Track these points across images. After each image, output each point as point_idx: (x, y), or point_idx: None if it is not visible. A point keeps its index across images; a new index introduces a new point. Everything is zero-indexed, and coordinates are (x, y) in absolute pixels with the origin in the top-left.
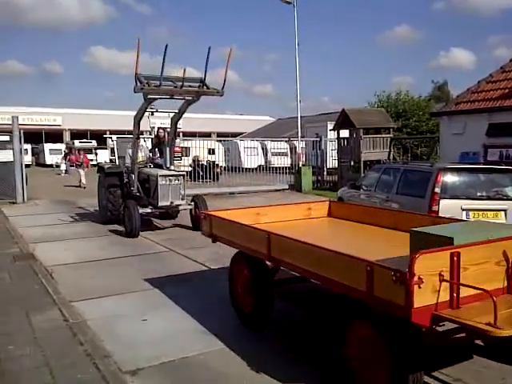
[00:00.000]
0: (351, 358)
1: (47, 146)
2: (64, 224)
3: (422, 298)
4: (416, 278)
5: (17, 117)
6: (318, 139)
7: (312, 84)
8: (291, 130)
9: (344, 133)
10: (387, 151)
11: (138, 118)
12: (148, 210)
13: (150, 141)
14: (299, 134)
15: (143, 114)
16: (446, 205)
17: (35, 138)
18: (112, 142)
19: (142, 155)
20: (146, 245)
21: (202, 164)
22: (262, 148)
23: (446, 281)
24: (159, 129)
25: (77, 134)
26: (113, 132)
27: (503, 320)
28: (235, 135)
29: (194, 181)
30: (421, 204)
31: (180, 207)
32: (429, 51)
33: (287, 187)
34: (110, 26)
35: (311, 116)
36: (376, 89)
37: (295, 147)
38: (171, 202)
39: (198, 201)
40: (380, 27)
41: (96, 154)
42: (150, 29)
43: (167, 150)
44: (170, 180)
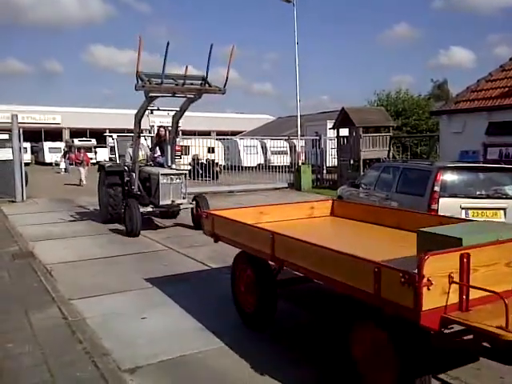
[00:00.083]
0: (357, 360)
1: (47, 145)
2: (63, 222)
3: (431, 301)
4: (425, 280)
5: (16, 115)
6: (318, 138)
7: (312, 83)
8: (291, 129)
9: (344, 131)
10: (387, 150)
11: (139, 117)
12: (149, 209)
13: (150, 139)
14: (299, 133)
15: (144, 113)
16: (446, 203)
17: (35, 137)
18: (112, 141)
19: (143, 154)
20: (146, 243)
21: (202, 163)
22: (262, 147)
23: (456, 283)
24: (160, 127)
25: (76, 133)
26: (112, 130)
27: None
28: (235, 134)
29: (194, 179)
30: (420, 202)
31: (181, 206)
32: (428, 50)
33: (287, 186)
34: (110, 25)
35: (311, 115)
36: (376, 87)
37: (295, 146)
38: (172, 201)
39: (200, 200)
40: (380, 26)
41: (95, 153)
42: (150, 27)
43: (168, 149)
44: (172, 179)
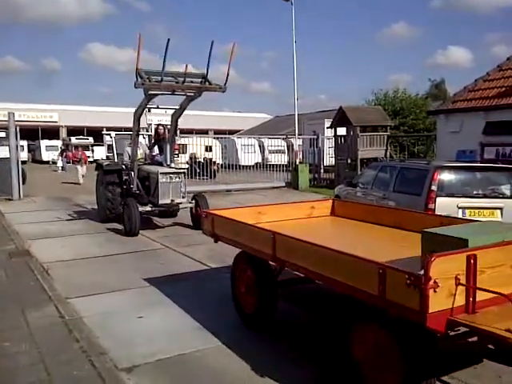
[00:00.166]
0: (359, 361)
1: (43, 143)
2: (60, 221)
3: (438, 303)
4: (431, 282)
5: (13, 113)
6: (315, 137)
7: (310, 81)
8: (288, 128)
9: (341, 130)
10: (384, 149)
11: (138, 115)
12: (148, 209)
13: (148, 138)
14: (296, 132)
15: (143, 111)
16: (443, 203)
17: (32, 135)
18: (110, 139)
19: (141, 152)
20: (144, 242)
21: (199, 161)
22: (259, 145)
23: (462, 284)
24: (159, 125)
25: (73, 131)
26: (109, 129)
27: None
28: (232, 132)
29: (191, 178)
30: (417, 202)
31: (181, 205)
32: (426, 49)
33: (284, 185)
34: (108, 23)
35: (308, 113)
36: (373, 87)
37: (292, 145)
38: (172, 200)
39: (199, 199)
40: (378, 25)
41: (93, 151)
42: (149, 26)
43: (167, 147)
44: (171, 178)
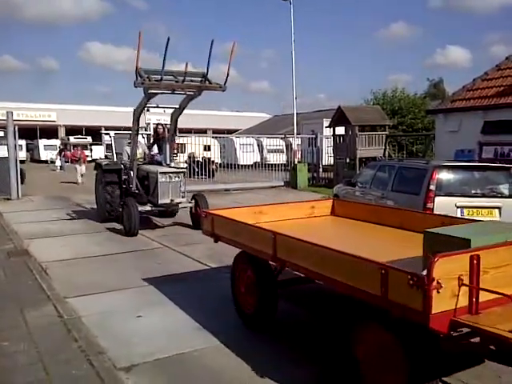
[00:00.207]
0: (360, 361)
1: (42, 142)
2: (59, 221)
3: (441, 304)
4: (435, 283)
5: (11, 112)
6: (314, 136)
7: (308, 81)
8: (287, 127)
9: (340, 130)
10: (383, 148)
11: (138, 114)
12: (147, 208)
13: (146, 137)
14: (295, 131)
15: (143, 110)
16: (441, 202)
17: (30, 134)
18: (109, 138)
19: (140, 152)
20: (143, 241)
21: (198, 161)
22: (258, 145)
23: (465, 285)
24: (158, 125)
25: (72, 130)
26: (108, 128)
27: None
28: (231, 132)
29: (190, 177)
30: (416, 201)
31: (180, 205)
32: (425, 49)
33: (283, 184)
34: (106, 22)
35: (307, 113)
36: (372, 86)
37: (291, 144)
38: (171, 200)
39: (199, 199)
40: (377, 25)
41: (91, 150)
42: (146, 24)
43: (167, 147)
44: (171, 177)
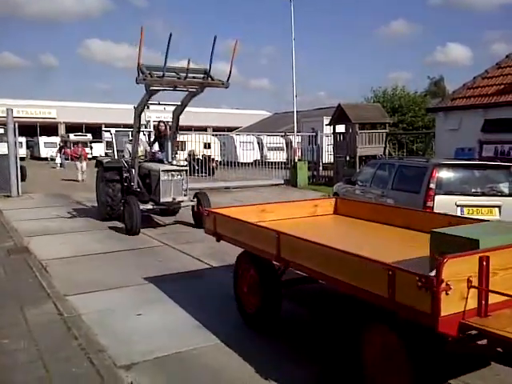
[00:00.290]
0: (366, 363)
1: (42, 139)
2: (59, 218)
3: (450, 306)
4: (444, 285)
5: (11, 109)
6: (314, 134)
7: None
8: (287, 125)
9: (340, 128)
10: (383, 146)
11: (139, 111)
12: (149, 207)
13: (147, 134)
14: (295, 129)
15: (144, 107)
16: (441, 200)
17: (30, 131)
18: (109, 136)
19: (141, 149)
20: (143, 239)
21: (198, 158)
22: (258, 143)
23: (475, 287)
24: (160, 122)
25: (72, 127)
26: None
27: None
28: (231, 129)
29: (190, 175)
30: (416, 199)
31: (182, 204)
32: (425, 47)
33: (283, 182)
34: (106, 19)
35: (307, 111)
36: (372, 84)
37: (291, 142)
38: (173, 199)
39: (201, 197)
40: (377, 22)
41: (91, 148)
42: (146, 21)
43: (169, 144)
44: (173, 175)
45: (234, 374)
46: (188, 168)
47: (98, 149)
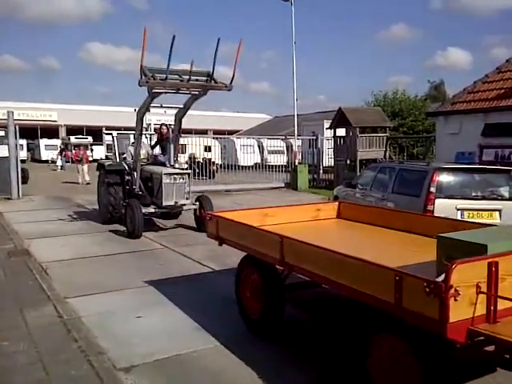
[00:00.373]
0: (371, 369)
1: (43, 142)
2: (60, 220)
3: (458, 312)
4: (452, 290)
5: (12, 112)
6: (315, 137)
7: (309, 82)
8: (287, 128)
9: (340, 131)
10: (383, 150)
11: (142, 114)
12: (151, 210)
13: (149, 137)
14: (295, 132)
15: (147, 110)
16: (441, 204)
17: (31, 134)
18: (110, 138)
19: (143, 152)
20: (143, 242)
21: (198, 161)
22: (259, 146)
23: (483, 293)
24: (162, 125)
25: (72, 130)
26: (109, 128)
27: None
28: (232, 133)
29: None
30: (416, 203)
31: (185, 207)
32: (426, 51)
33: (283, 185)
34: (106, 22)
35: (308, 114)
36: (373, 88)
37: (291, 145)
38: (176, 202)
39: (204, 200)
40: (378, 26)
41: (92, 150)
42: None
43: (171, 148)
44: (175, 178)
45: (234, 377)
46: (190, 171)
47: (99, 151)
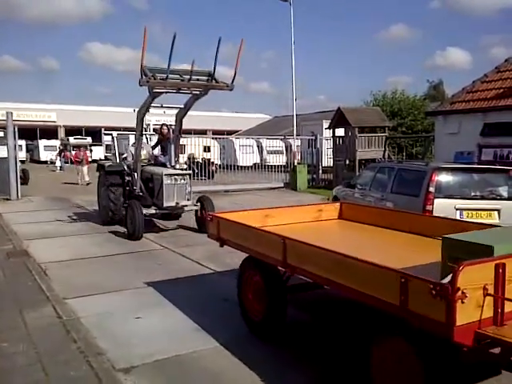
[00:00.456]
0: (374, 372)
1: (42, 143)
2: (59, 222)
3: (465, 315)
4: (459, 293)
5: (11, 112)
6: (314, 137)
7: (308, 82)
8: (287, 128)
9: (339, 131)
10: (382, 150)
11: (142, 114)
12: (152, 211)
13: (148, 138)
14: (295, 133)
15: (147, 110)
16: (440, 204)
17: (30, 135)
18: (109, 139)
19: (144, 153)
20: (142, 243)
21: (198, 162)
22: (258, 146)
23: (490, 295)
24: (163, 125)
25: (71, 131)
26: (108, 128)
27: None
28: (231, 133)
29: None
30: (415, 203)
31: (186, 208)
32: (425, 50)
33: (282, 185)
34: (106, 22)
35: (307, 114)
36: (372, 88)
37: (291, 145)
38: (177, 203)
39: (205, 201)
40: (376, 27)
41: (91, 151)
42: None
43: (172, 148)
44: (176, 179)
45: (234, 378)
46: (191, 172)
47: (98, 152)
